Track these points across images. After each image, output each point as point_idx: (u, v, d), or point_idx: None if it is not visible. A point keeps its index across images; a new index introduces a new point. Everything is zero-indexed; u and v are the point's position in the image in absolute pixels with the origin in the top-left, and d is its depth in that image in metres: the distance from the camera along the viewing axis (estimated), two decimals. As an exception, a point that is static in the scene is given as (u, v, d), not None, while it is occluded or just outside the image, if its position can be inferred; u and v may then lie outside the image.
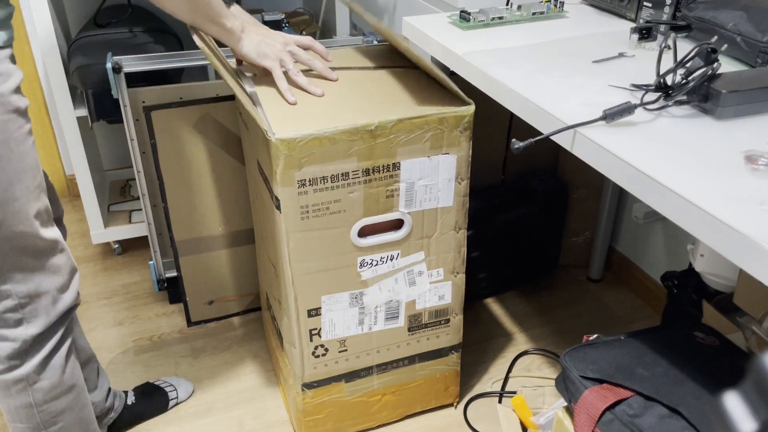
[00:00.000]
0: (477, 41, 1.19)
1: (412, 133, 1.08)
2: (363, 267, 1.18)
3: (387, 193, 1.12)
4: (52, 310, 1.00)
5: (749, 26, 1.01)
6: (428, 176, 1.13)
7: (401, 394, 1.38)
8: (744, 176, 0.74)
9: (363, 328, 1.24)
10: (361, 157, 1.07)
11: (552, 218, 1.78)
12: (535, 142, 0.87)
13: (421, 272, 1.22)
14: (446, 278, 1.25)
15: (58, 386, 1.05)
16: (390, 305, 1.24)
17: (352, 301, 1.20)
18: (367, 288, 1.20)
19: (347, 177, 1.08)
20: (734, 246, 0.66)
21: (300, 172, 1.05)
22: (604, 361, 0.99)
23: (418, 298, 1.25)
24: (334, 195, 1.09)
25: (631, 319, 1.74)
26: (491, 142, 1.69)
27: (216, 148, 1.50)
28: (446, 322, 1.31)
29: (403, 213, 1.15)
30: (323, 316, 1.20)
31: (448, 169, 1.14)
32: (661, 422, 0.89)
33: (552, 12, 1.34)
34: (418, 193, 1.14)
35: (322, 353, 1.24)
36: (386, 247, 1.17)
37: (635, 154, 0.79)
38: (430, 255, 1.21)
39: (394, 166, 1.10)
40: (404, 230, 1.17)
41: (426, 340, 1.32)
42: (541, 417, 1.16)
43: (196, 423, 1.44)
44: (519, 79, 1.02)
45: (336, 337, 1.23)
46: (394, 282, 1.21)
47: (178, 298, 1.76)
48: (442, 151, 1.12)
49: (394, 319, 1.26)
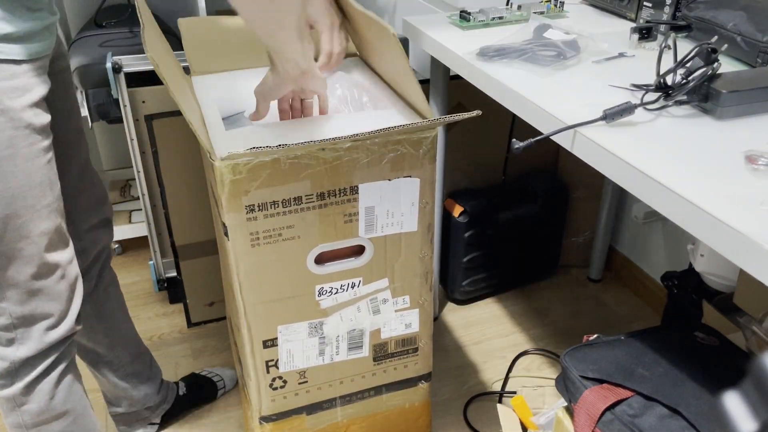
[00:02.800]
0: (477, 41, 1.19)
1: (370, 155, 0.99)
2: (322, 295, 1.09)
3: (345, 218, 1.03)
4: (44, 336, 0.96)
5: (749, 26, 1.01)
6: (389, 200, 1.04)
7: (368, 427, 1.29)
8: (744, 176, 0.74)
9: (324, 358, 1.16)
10: (315, 180, 0.98)
11: (552, 218, 1.78)
12: (535, 142, 0.86)
13: (385, 300, 1.14)
14: (413, 305, 1.16)
15: (47, 411, 1.01)
16: (353, 335, 1.15)
17: (311, 331, 1.12)
18: (327, 317, 1.12)
19: (300, 201, 1.00)
20: (734, 246, 0.66)
21: (247, 197, 0.96)
22: (604, 361, 0.99)
23: (383, 327, 1.16)
24: (286, 220, 1.00)
25: (631, 319, 1.74)
26: (492, 142, 1.69)
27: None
28: (414, 351, 1.22)
29: (364, 239, 1.06)
30: (280, 347, 1.12)
31: (411, 192, 1.05)
32: (661, 422, 0.89)
33: (552, 12, 1.34)
34: (379, 217, 1.05)
35: (280, 385, 1.16)
36: (347, 274, 1.09)
37: (635, 154, 0.79)
38: (395, 282, 1.12)
39: (352, 189, 1.01)
40: (366, 257, 1.08)
41: (393, 370, 1.23)
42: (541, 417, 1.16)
43: (195, 423, 1.44)
44: (519, 79, 1.02)
45: (295, 368, 1.15)
46: (356, 311, 1.13)
47: (178, 298, 1.76)
48: (403, 174, 1.03)
49: (357, 349, 1.17)
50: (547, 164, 1.79)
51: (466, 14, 1.29)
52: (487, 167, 1.72)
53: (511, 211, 1.70)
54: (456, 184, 1.69)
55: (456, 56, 1.15)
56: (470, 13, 1.28)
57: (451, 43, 1.19)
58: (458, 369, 1.58)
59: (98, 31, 1.66)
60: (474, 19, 1.28)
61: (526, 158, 1.74)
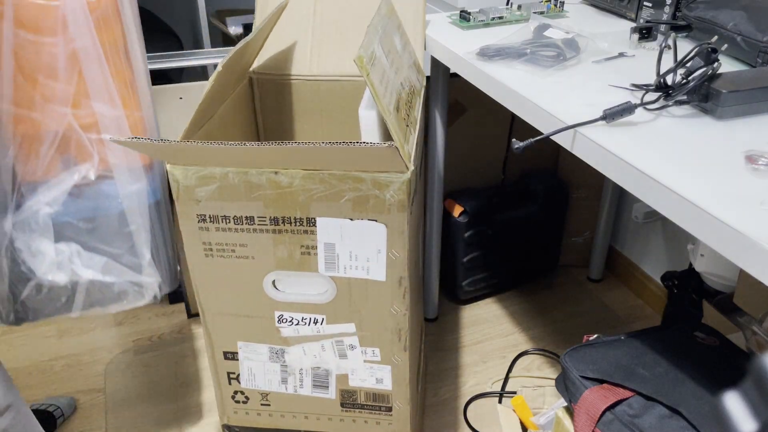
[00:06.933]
0: (477, 41, 1.19)
1: (327, 188, 0.89)
2: (282, 323, 1.03)
3: (302, 249, 0.95)
4: None
5: (749, 26, 1.01)
6: (352, 241, 0.93)
7: None
8: (744, 176, 0.74)
9: (287, 387, 1.10)
10: (268, 203, 0.92)
11: (552, 218, 1.78)
12: (535, 141, 0.86)
13: (352, 346, 1.04)
14: (384, 361, 1.05)
15: None
16: (318, 372, 1.08)
17: (273, 355, 1.06)
18: (290, 347, 1.05)
19: (252, 221, 0.93)
20: (734, 246, 0.66)
21: (199, 206, 0.92)
22: (604, 361, 0.99)
23: (350, 374, 1.07)
24: (238, 238, 0.95)
25: (631, 319, 1.74)
26: (492, 142, 1.69)
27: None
28: (387, 410, 1.11)
29: (325, 276, 0.98)
30: (241, 363, 1.08)
31: (377, 238, 0.93)
32: (661, 422, 0.89)
33: (552, 12, 1.34)
34: (341, 257, 0.95)
35: (242, 400, 1.12)
36: (308, 308, 1.01)
37: (635, 154, 0.79)
38: (363, 330, 1.02)
39: (309, 221, 0.93)
40: (328, 295, 0.99)
41: (364, 423, 1.13)
42: (541, 417, 1.16)
43: (202, 422, 1.44)
44: (519, 79, 1.02)
45: (257, 388, 1.11)
46: (320, 348, 1.05)
47: (178, 298, 1.76)
48: (367, 216, 0.91)
49: (323, 389, 1.10)
50: (547, 164, 1.79)
51: (466, 14, 1.29)
52: (486, 167, 1.72)
53: (511, 211, 1.70)
54: (456, 184, 1.69)
55: (456, 56, 1.15)
56: (470, 13, 1.28)
57: (451, 43, 1.19)
58: (458, 369, 1.58)
59: (98, 31, 1.65)
60: (474, 19, 1.28)
61: (526, 158, 1.74)
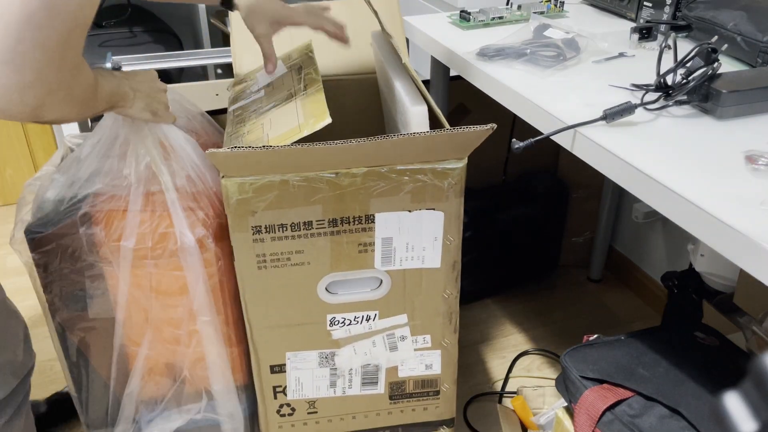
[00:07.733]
0: (477, 41, 1.19)
1: (387, 183, 0.91)
2: (334, 325, 1.02)
3: (360, 248, 0.96)
4: (11, 378, 0.93)
5: (749, 26, 1.01)
6: (409, 232, 0.95)
7: None
8: (744, 176, 0.74)
9: (336, 390, 1.09)
10: (327, 206, 0.91)
11: (552, 218, 1.78)
12: (535, 142, 0.86)
13: (403, 337, 1.05)
14: (434, 346, 1.07)
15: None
16: (367, 369, 1.08)
17: (322, 361, 1.05)
18: (340, 348, 1.05)
19: (310, 226, 0.93)
20: (734, 246, 0.66)
21: (254, 218, 0.91)
22: (604, 362, 0.99)
23: (401, 365, 1.08)
24: (295, 245, 0.94)
25: (631, 319, 1.74)
26: (492, 142, 1.69)
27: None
28: (435, 394, 1.13)
29: (380, 271, 0.99)
30: (288, 374, 1.06)
31: (434, 226, 0.95)
32: (662, 422, 0.89)
33: (552, 12, 1.34)
34: (398, 250, 0.97)
35: (288, 413, 1.10)
36: (361, 306, 1.01)
37: (635, 154, 0.79)
38: (415, 319, 1.04)
39: (368, 218, 0.94)
40: (382, 290, 1.00)
41: (411, 411, 1.14)
42: (541, 417, 1.16)
43: (196, 423, 1.44)
44: (519, 79, 1.02)
45: (304, 397, 1.09)
46: (371, 345, 1.05)
47: None
48: (425, 206, 0.93)
49: (372, 385, 1.09)
50: (547, 164, 1.79)
51: (466, 14, 1.29)
52: (487, 167, 1.72)
53: (511, 211, 1.70)
54: (456, 184, 1.69)
55: (456, 56, 1.15)
56: (470, 13, 1.28)
57: (451, 43, 1.19)
58: (458, 369, 1.58)
59: (98, 31, 1.66)
60: (474, 19, 1.28)
61: (526, 158, 1.74)
